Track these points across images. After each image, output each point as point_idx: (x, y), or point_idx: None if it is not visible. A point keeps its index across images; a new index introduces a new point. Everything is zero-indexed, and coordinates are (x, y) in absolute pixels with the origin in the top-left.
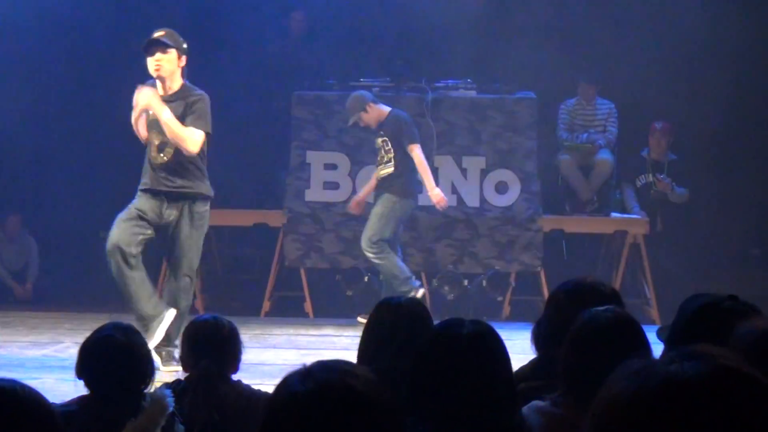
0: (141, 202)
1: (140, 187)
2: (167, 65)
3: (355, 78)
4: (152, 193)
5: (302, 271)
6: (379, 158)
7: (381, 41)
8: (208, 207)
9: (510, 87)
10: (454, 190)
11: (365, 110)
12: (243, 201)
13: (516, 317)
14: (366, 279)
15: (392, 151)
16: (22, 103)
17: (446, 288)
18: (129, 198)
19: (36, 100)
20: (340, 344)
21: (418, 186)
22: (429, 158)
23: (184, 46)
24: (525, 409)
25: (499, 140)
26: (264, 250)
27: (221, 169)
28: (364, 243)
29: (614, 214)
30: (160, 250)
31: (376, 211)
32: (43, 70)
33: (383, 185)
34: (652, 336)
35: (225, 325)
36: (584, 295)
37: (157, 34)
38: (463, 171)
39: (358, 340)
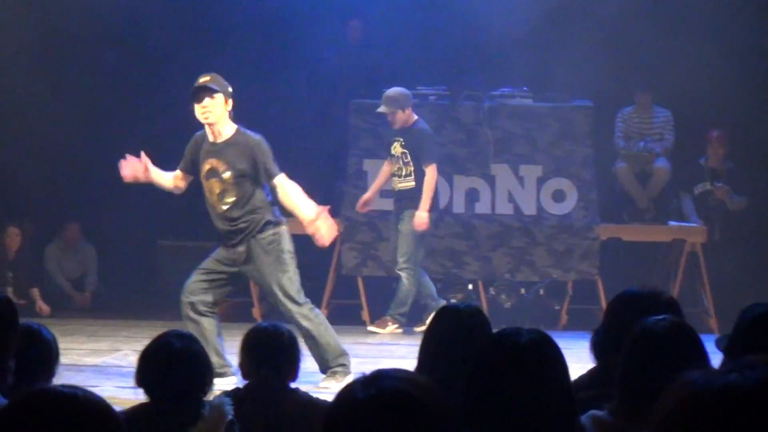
0: (218, 250)
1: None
2: (215, 110)
3: (412, 86)
4: (223, 239)
5: (359, 279)
6: (396, 168)
7: (438, 50)
8: (278, 229)
9: (566, 95)
10: (510, 199)
11: (403, 110)
12: None
13: (573, 326)
14: None
15: (411, 164)
16: (79, 111)
17: (503, 296)
18: (186, 207)
19: (94, 107)
20: (398, 353)
21: (436, 198)
22: (486, 167)
23: (230, 89)
24: (583, 418)
25: (556, 148)
26: (321, 259)
27: None
28: (402, 261)
29: (672, 223)
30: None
31: (405, 229)
32: (100, 78)
33: (404, 200)
34: (710, 346)
35: (284, 333)
36: (643, 303)
37: (202, 80)
38: (520, 179)
39: (415, 349)
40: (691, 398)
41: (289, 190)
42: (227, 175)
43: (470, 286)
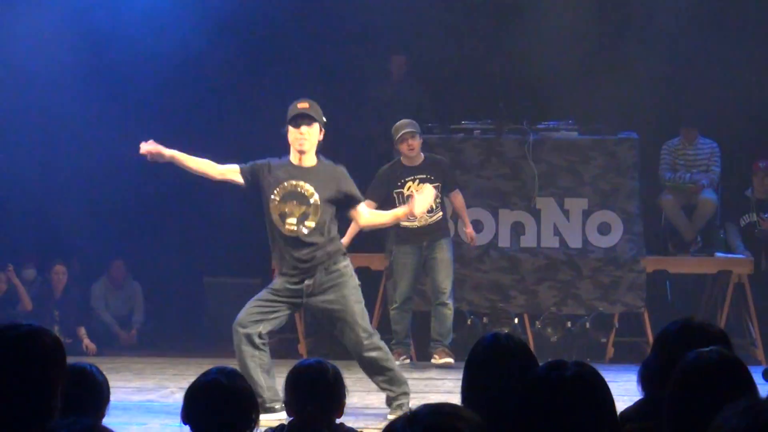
0: (276, 282)
1: (275, 266)
2: (311, 139)
3: (456, 121)
4: (287, 270)
5: None
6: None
7: (481, 83)
8: (348, 261)
9: (611, 127)
10: (556, 232)
11: (418, 138)
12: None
13: (620, 359)
14: (469, 321)
15: (440, 195)
16: (123, 148)
17: (549, 330)
18: (232, 243)
19: (137, 145)
20: (444, 387)
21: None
22: (531, 200)
23: (324, 120)
24: None
25: (601, 181)
26: (366, 294)
27: None
28: (446, 292)
29: (719, 254)
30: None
31: (444, 258)
32: (145, 118)
33: (436, 231)
34: (758, 377)
35: (329, 369)
36: (692, 335)
37: (301, 106)
38: (566, 212)
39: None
40: (741, 428)
41: (373, 211)
42: (314, 198)
43: (516, 320)
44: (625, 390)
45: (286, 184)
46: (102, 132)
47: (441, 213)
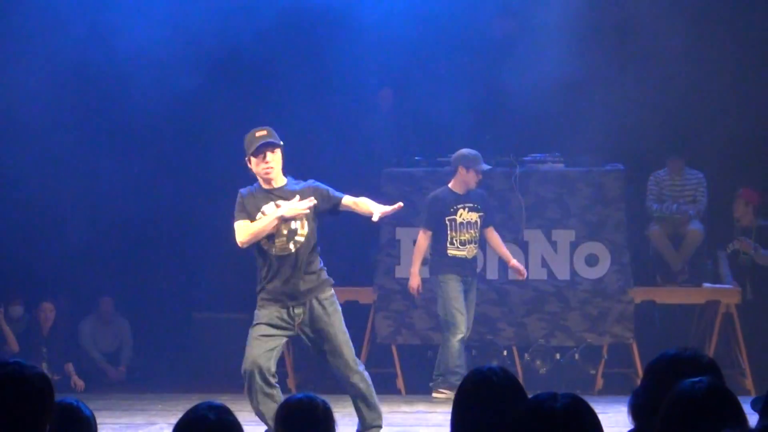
0: (268, 313)
1: (261, 295)
2: (276, 165)
3: (443, 153)
4: (281, 298)
5: (393, 348)
6: (470, 235)
7: (468, 117)
8: (333, 291)
9: (598, 159)
10: (544, 264)
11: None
12: (333, 278)
13: (609, 390)
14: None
15: (480, 229)
16: (111, 185)
17: (538, 362)
18: (220, 279)
19: (126, 183)
20: (434, 421)
21: None
22: (518, 232)
23: (281, 143)
24: None
25: (589, 213)
26: (355, 328)
27: None
28: (467, 334)
29: (707, 285)
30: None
31: (474, 298)
32: (131, 156)
33: (475, 267)
34: (747, 407)
35: (319, 404)
36: (682, 365)
37: (259, 134)
38: (553, 244)
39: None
40: None
41: (361, 200)
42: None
43: (505, 353)
44: (615, 421)
45: (267, 206)
46: (91, 170)
47: (477, 248)
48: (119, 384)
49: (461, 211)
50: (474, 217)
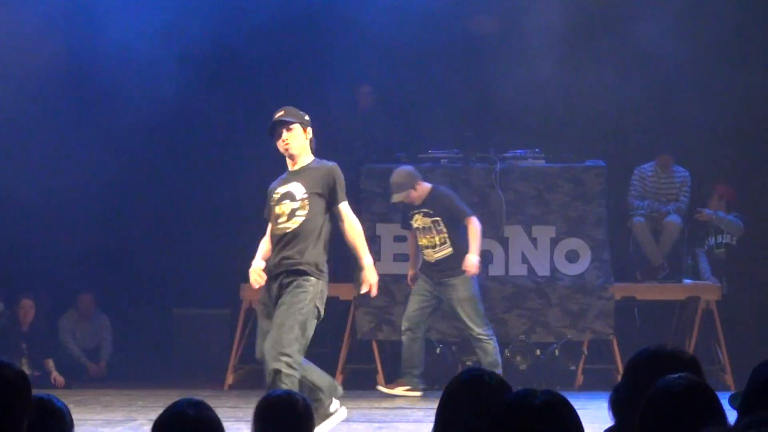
0: (263, 293)
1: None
2: (295, 142)
3: (424, 150)
4: (268, 271)
5: (374, 344)
6: (428, 240)
7: (448, 113)
8: (313, 280)
9: (579, 156)
10: (524, 260)
11: (414, 188)
12: None
13: (589, 386)
14: (438, 350)
15: (445, 230)
16: (91, 183)
17: (518, 358)
18: (200, 275)
19: (106, 179)
20: (414, 417)
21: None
22: (499, 228)
23: (306, 118)
24: None
25: (569, 209)
26: (335, 324)
27: None
28: (478, 330)
29: (686, 281)
30: None
31: (460, 297)
32: (113, 151)
33: (446, 270)
34: (726, 403)
35: (298, 400)
36: (663, 362)
37: (277, 115)
38: (533, 240)
39: (430, 412)
40: None
41: (354, 223)
42: (303, 193)
43: None
44: (594, 417)
45: (279, 189)
46: (71, 165)
47: (450, 250)
48: (99, 380)
49: (417, 216)
50: (428, 222)
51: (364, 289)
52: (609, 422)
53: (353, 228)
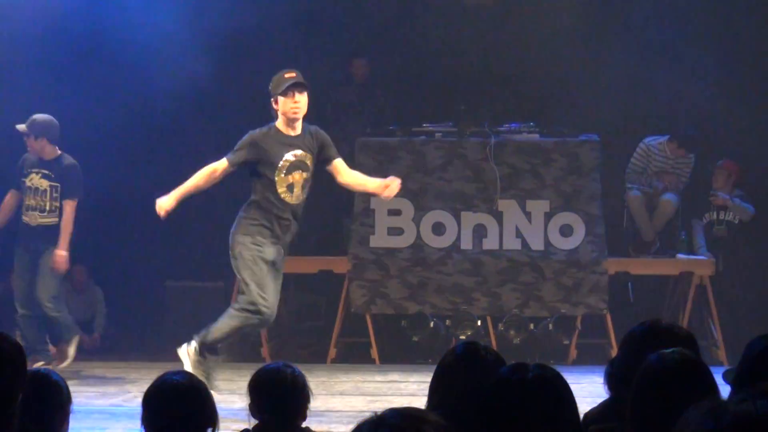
0: (267, 251)
1: (261, 236)
2: (304, 107)
3: (418, 123)
4: (275, 233)
5: (368, 317)
6: (36, 202)
7: (443, 86)
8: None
9: (573, 130)
10: (518, 234)
11: (50, 141)
12: (307, 248)
13: (582, 361)
14: (431, 324)
15: (58, 200)
16: (85, 153)
17: (512, 332)
18: (193, 248)
19: (99, 151)
20: (407, 390)
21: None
22: (493, 202)
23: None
24: None
25: (563, 183)
26: (329, 297)
27: None
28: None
29: (681, 255)
30: None
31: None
32: (111, 125)
33: (47, 236)
34: (719, 378)
35: (289, 374)
36: (658, 336)
37: (289, 75)
38: (528, 214)
39: (424, 386)
40: (706, 429)
41: (352, 171)
42: (311, 163)
43: (479, 323)
44: (588, 392)
45: (287, 155)
46: (66, 139)
47: (57, 219)
48: (92, 352)
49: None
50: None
51: (394, 187)
52: (602, 396)
53: (353, 173)
